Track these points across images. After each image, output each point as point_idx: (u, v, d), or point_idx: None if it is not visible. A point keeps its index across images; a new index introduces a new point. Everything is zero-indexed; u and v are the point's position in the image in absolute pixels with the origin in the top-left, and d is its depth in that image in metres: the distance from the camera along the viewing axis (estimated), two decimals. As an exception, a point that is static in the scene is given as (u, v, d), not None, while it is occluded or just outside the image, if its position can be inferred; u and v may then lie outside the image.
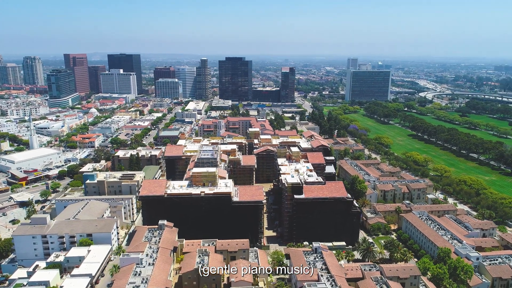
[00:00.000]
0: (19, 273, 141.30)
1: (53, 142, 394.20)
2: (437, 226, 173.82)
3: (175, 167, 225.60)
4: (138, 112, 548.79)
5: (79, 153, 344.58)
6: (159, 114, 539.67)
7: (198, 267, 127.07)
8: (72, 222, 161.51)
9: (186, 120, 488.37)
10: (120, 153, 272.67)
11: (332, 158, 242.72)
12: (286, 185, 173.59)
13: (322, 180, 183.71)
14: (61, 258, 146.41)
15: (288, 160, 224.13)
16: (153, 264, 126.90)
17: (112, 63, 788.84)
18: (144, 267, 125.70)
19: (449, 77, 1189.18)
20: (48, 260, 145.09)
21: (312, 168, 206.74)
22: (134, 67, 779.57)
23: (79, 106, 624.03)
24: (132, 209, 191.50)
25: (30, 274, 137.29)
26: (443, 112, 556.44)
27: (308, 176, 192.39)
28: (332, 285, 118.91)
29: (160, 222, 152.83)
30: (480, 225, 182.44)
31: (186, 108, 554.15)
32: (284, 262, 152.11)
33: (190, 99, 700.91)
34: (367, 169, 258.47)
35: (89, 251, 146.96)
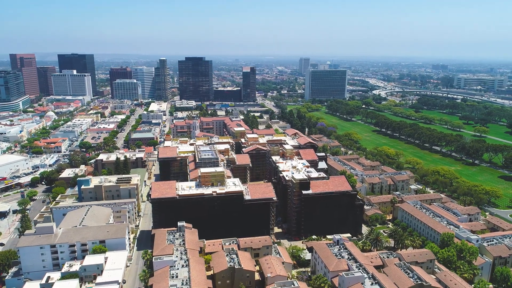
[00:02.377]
0: (29, 286, 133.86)
1: (13, 148, 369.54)
2: (432, 213, 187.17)
3: (169, 169, 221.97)
4: (99, 115, 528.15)
5: (46, 158, 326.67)
6: (123, 116, 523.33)
7: (233, 265, 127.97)
8: (80, 229, 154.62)
9: (153, 122, 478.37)
10: (103, 156, 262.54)
11: (323, 154, 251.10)
12: (293, 181, 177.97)
13: (325, 175, 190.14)
14: (76, 268, 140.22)
15: (281, 158, 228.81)
16: (186, 265, 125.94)
17: (64, 63, 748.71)
18: (178, 269, 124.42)
19: (394, 75, 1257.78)
20: (63, 271, 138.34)
21: (309, 165, 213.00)
22: (87, 68, 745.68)
23: (31, 109, 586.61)
24: (135, 213, 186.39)
25: (44, 287, 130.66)
26: (399, 108, 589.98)
27: (307, 172, 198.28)
28: (364, 273, 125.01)
29: (179, 223, 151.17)
30: (467, 210, 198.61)
31: (149, 110, 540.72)
32: (301, 256, 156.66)
33: (150, 100, 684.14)
34: (350, 164, 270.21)
35: (106, 258, 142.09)
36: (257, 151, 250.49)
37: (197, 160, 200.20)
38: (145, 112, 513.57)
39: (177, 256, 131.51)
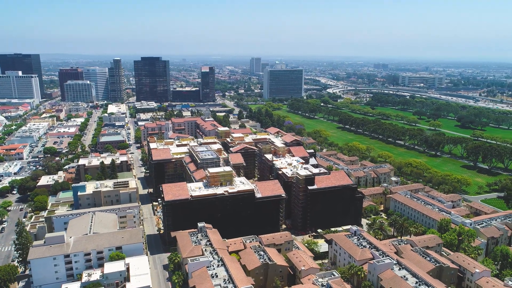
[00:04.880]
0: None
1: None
2: (423, 202, 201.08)
3: (164, 171, 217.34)
4: (54, 118, 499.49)
5: (10, 166, 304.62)
6: (81, 119, 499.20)
7: (266, 261, 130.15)
8: (93, 237, 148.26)
9: (117, 124, 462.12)
10: (84, 161, 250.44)
11: (312, 151, 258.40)
12: (299, 177, 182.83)
13: (326, 171, 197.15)
14: (96, 276, 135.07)
15: (274, 156, 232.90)
16: (222, 265, 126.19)
17: (5, 64, 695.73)
18: (214, 269, 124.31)
19: (342, 74, 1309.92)
20: (83, 280, 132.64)
21: (303, 161, 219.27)
22: (33, 69, 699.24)
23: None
24: (140, 217, 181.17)
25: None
26: (357, 105, 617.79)
27: (305, 168, 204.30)
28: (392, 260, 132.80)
29: (200, 224, 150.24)
30: (450, 198, 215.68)
31: (109, 112, 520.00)
32: (315, 249, 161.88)
33: (105, 102, 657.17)
34: (332, 159, 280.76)
35: (127, 264, 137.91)
36: (245, 150, 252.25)
37: (199, 161, 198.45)
38: (106, 115, 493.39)
39: (208, 257, 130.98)
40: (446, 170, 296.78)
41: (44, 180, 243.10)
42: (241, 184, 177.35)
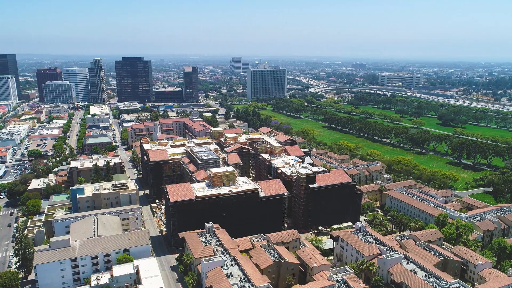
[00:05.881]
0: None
1: None
2: (419, 198, 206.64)
3: (161, 172, 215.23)
4: (35, 120, 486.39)
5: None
6: (64, 121, 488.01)
7: (278, 260, 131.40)
8: (99, 240, 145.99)
9: (101, 126, 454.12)
10: (76, 164, 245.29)
11: (307, 150, 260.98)
12: (300, 176, 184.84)
13: (325, 169, 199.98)
14: (105, 280, 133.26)
15: (270, 155, 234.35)
16: (236, 264, 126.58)
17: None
18: (228, 268, 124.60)
19: (321, 74, 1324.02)
20: (93, 284, 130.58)
21: (300, 160, 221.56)
22: (9, 69, 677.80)
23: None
24: (142, 219, 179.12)
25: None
26: (340, 105, 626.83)
27: (303, 167, 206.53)
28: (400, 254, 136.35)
29: (207, 224, 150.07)
30: (442, 193, 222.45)
31: (92, 113, 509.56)
32: (320, 246, 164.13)
33: (86, 103, 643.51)
34: (324, 158, 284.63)
35: (136, 266, 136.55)
36: (240, 150, 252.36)
37: (199, 161, 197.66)
38: (89, 116, 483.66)
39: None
40: (433, 167, 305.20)
41: (35, 184, 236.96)
42: (244, 183, 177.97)
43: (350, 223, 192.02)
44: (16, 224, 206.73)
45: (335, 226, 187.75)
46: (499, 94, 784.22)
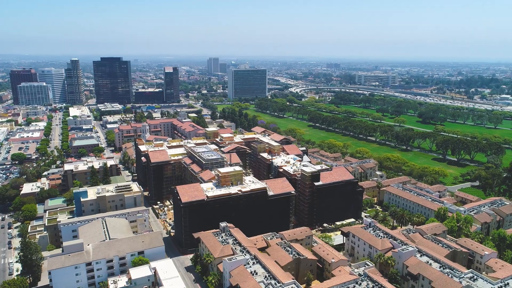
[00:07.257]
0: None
1: None
2: (416, 193, 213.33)
3: (162, 173, 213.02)
4: (13, 123, 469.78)
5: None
6: (44, 123, 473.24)
7: (297, 256, 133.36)
8: (112, 243, 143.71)
9: (84, 127, 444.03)
10: (70, 166, 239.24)
11: (304, 148, 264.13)
12: (305, 174, 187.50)
13: (328, 167, 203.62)
14: (122, 283, 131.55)
15: (269, 154, 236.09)
16: (257, 262, 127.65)
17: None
18: (251, 266, 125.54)
19: (299, 74, 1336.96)
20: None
21: (300, 159, 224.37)
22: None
23: None
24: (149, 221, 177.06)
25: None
26: (322, 104, 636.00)
27: (304, 165, 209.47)
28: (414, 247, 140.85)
29: (222, 224, 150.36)
30: (436, 188, 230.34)
31: (73, 115, 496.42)
32: (329, 243, 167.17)
33: (64, 104, 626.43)
34: (317, 156, 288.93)
35: (153, 268, 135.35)
36: (237, 149, 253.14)
37: (203, 162, 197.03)
38: (71, 118, 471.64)
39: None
40: (420, 163, 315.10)
41: (28, 188, 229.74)
42: (251, 183, 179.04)
43: (352, 219, 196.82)
44: (10, 230, 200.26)
45: (338, 223, 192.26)
46: (471, 93, 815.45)
